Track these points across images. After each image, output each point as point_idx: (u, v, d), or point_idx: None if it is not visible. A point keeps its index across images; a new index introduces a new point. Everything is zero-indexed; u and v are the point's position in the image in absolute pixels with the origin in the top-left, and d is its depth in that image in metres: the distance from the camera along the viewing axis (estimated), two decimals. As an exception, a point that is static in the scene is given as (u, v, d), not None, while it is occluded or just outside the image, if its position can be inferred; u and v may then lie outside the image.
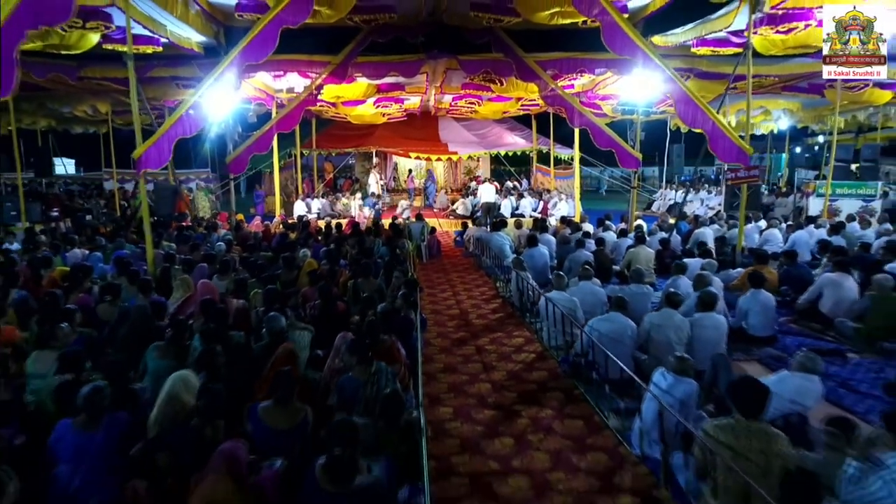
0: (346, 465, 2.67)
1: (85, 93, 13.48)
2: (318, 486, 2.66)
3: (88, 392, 3.24)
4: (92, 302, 5.92)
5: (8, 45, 4.02)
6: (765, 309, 5.86)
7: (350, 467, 2.67)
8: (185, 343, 4.52)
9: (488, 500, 3.39)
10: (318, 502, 2.64)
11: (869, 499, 2.69)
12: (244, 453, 2.78)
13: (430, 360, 5.65)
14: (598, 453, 3.89)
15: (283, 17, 7.52)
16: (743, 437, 2.99)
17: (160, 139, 7.51)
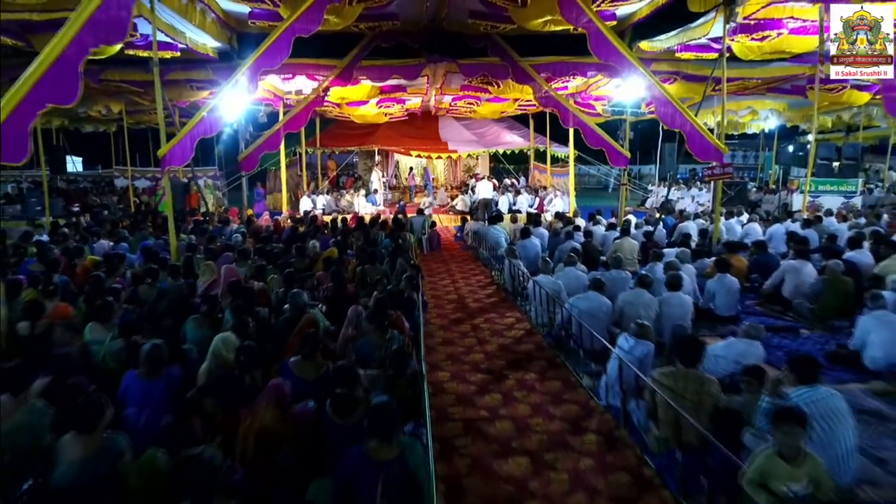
0: (346, 402, 3.41)
1: (100, 93, 14.23)
2: (332, 420, 3.42)
3: (149, 349, 4.00)
4: (126, 285, 6.69)
5: (74, 61, 4.78)
6: (729, 291, 6.62)
7: (350, 404, 3.41)
8: (217, 316, 5.29)
9: (478, 438, 4.15)
10: (333, 432, 3.39)
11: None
12: (288, 390, 3.53)
13: (431, 335, 6.41)
14: (572, 405, 4.66)
15: (296, 27, 8.25)
16: (681, 381, 3.75)
17: (184, 138, 8.25)
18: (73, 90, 4.83)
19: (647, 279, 5.97)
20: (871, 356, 5.11)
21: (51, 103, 4.90)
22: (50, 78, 4.72)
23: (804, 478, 2.66)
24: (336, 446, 3.28)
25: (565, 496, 3.44)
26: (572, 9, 8.33)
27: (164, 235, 10.22)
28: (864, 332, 5.21)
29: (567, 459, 3.85)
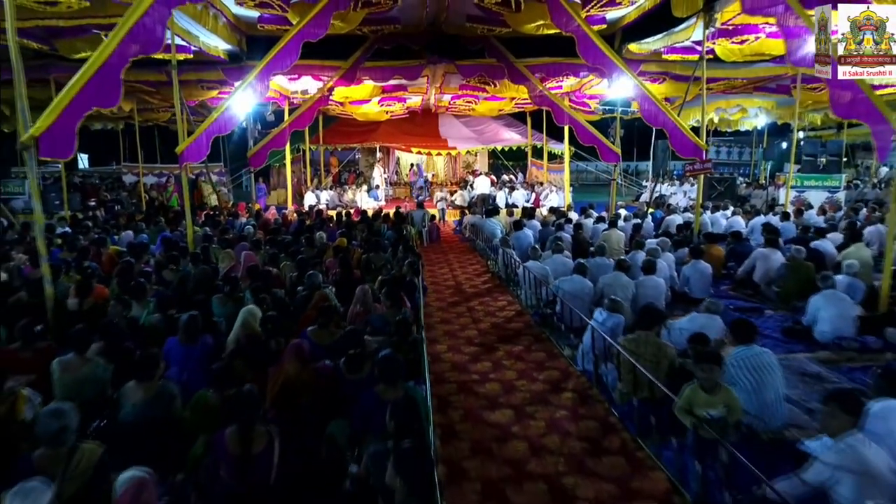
0: (356, 360, 4.11)
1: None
2: (345, 376, 4.12)
3: (187, 319, 4.70)
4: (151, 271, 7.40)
5: (116, 69, 5.45)
6: (702, 276, 7.32)
7: (360, 362, 4.11)
8: (238, 295, 5.99)
9: (470, 396, 4.86)
10: (346, 385, 4.09)
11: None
12: (306, 347, 4.22)
13: (430, 315, 7.12)
14: (553, 371, 5.36)
15: (305, 32, 8.92)
16: (642, 345, 4.44)
17: (200, 136, 8.91)
18: (115, 95, 5.53)
19: (624, 264, 6.67)
20: (821, 330, 5.81)
21: (95, 106, 5.59)
22: (94, 83, 5.40)
23: (720, 405, 3.37)
24: (349, 396, 3.97)
25: (541, 437, 4.14)
26: (562, 15, 8.99)
27: (178, 228, 10.95)
28: (815, 310, 5.90)
29: (545, 411, 4.55)
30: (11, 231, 10.72)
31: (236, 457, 3.05)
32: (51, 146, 5.42)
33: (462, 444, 4.06)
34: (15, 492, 2.34)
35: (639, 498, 3.42)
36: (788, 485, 2.89)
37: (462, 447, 4.02)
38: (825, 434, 2.90)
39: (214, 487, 3.07)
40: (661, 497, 3.42)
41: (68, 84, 5.44)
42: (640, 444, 4.00)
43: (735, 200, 15.84)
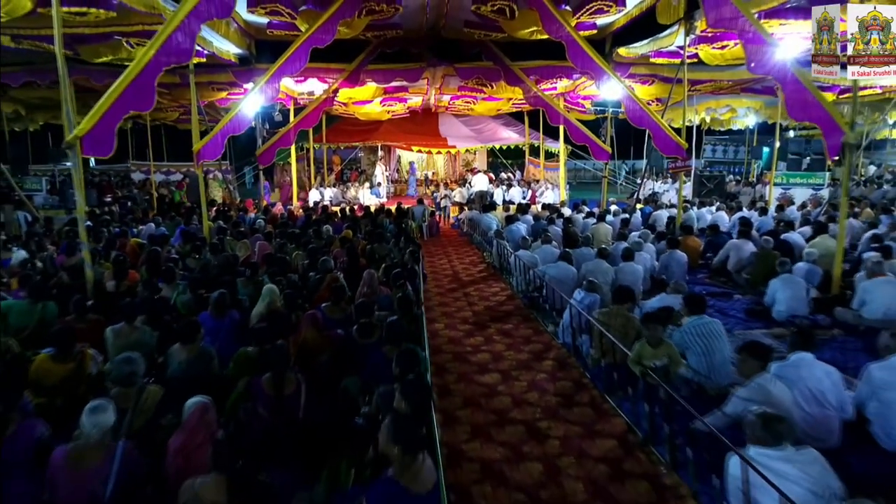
0: (367, 327, 4.86)
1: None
2: (358, 341, 4.87)
3: (217, 296, 5.45)
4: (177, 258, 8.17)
5: (151, 77, 6.20)
6: (678, 264, 8.07)
7: (370, 327, 4.86)
8: (258, 279, 6.74)
9: (463, 364, 5.62)
10: (357, 349, 4.84)
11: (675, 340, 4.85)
12: (321, 316, 4.98)
13: (428, 300, 7.87)
14: (537, 344, 6.12)
15: (313, 39, 9.67)
16: (613, 317, 5.20)
17: (216, 136, 9.66)
18: (149, 100, 6.28)
19: (605, 251, 7.44)
20: (777, 310, 6.55)
21: (132, 110, 6.35)
22: (132, 90, 6.15)
23: (663, 356, 4.14)
24: (360, 357, 4.72)
25: (523, 393, 4.90)
26: (552, 23, 9.72)
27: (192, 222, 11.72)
28: (773, 292, 6.65)
29: (528, 374, 5.31)
30: (38, 225, 11.47)
31: (271, 397, 3.81)
32: (92, 145, 6.19)
33: (455, 399, 4.82)
34: (89, 408, 3.07)
35: (600, 436, 4.17)
36: (713, 418, 3.64)
37: (455, 401, 4.78)
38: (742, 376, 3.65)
39: (253, 422, 3.82)
40: (619, 436, 4.17)
41: (109, 90, 6.20)
42: (605, 399, 4.76)
43: (724, 197, 16.59)
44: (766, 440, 2.85)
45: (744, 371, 3.66)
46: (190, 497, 2.67)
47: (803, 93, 6.56)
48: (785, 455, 2.81)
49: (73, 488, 2.92)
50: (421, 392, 3.32)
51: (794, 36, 9.75)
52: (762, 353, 3.68)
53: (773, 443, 2.83)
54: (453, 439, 4.14)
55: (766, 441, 2.84)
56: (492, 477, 3.70)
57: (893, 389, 3.86)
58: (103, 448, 2.98)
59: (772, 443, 2.82)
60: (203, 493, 2.65)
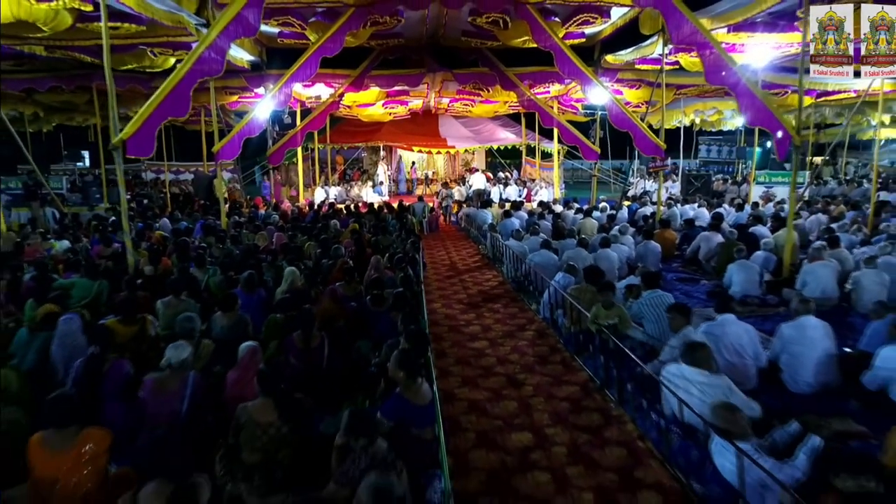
0: (378, 297, 5.88)
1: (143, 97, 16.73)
2: (370, 309, 5.89)
3: (247, 275, 6.47)
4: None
5: (186, 88, 7.22)
6: (652, 253, 9.08)
7: (380, 298, 5.87)
8: (278, 264, 7.77)
9: (457, 334, 6.64)
10: (370, 316, 5.85)
11: (634, 311, 5.86)
12: (340, 291, 6.00)
13: (428, 285, 8.89)
14: (522, 319, 7.15)
15: (322, 49, 10.70)
16: (583, 292, 6.21)
17: (234, 138, 10.70)
18: (185, 108, 7.31)
19: (584, 241, 8.47)
20: (733, 291, 7.55)
21: (170, 116, 7.38)
22: (170, 99, 7.17)
23: (614, 317, 5.15)
24: (371, 322, 5.74)
25: (507, 355, 5.93)
26: (541, 34, 10.75)
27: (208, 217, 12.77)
28: (730, 275, 7.66)
29: (511, 341, 6.34)
30: (66, 220, 12.51)
31: (300, 349, 4.82)
32: (135, 147, 7.20)
33: (449, 359, 5.85)
34: (173, 346, 4.08)
35: (566, 384, 5.19)
36: (652, 365, 4.65)
37: (449, 360, 5.81)
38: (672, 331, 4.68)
39: (286, 370, 4.84)
40: (581, 384, 5.19)
41: (150, 99, 7.22)
42: (574, 358, 5.78)
43: (710, 196, 17.62)
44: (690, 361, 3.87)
45: (674, 326, 4.69)
46: (245, 416, 3.66)
47: (755, 101, 7.55)
48: (698, 372, 3.83)
49: (158, 406, 3.94)
50: (420, 335, 4.35)
51: (762, 46, 10.78)
52: (686, 311, 4.71)
53: (693, 363, 3.85)
54: (447, 386, 5.16)
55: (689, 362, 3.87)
56: (477, 410, 4.72)
57: (799, 344, 4.89)
58: (180, 377, 4.00)
59: (692, 363, 3.84)
60: (255, 413, 3.65)
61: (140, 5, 8.11)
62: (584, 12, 11.08)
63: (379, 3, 10.40)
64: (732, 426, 3.12)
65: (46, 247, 9.52)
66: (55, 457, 3.09)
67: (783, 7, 8.59)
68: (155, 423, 3.90)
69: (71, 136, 24.03)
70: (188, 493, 2.64)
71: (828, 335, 4.96)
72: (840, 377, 4.85)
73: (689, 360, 3.90)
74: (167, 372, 3.99)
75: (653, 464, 3.87)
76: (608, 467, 3.85)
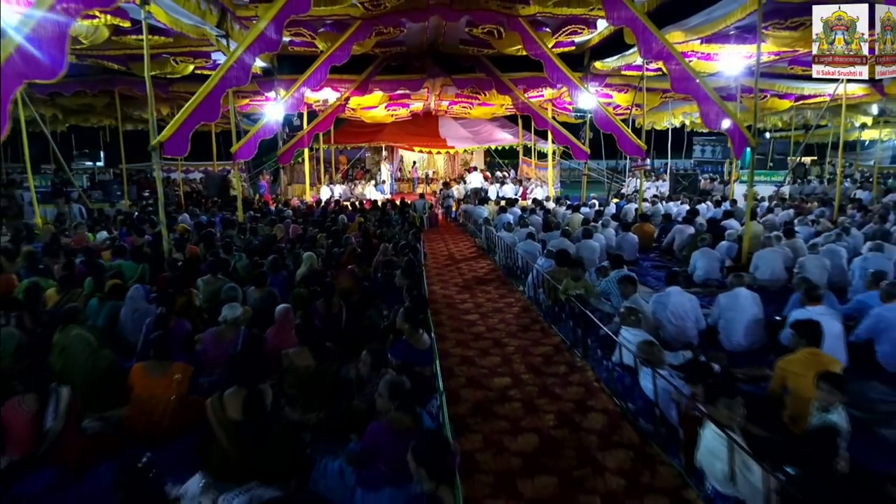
0: (389, 275, 7.03)
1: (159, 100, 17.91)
2: (381, 284, 7.04)
3: (272, 259, 7.63)
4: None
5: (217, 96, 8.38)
6: (629, 244, 10.24)
7: (391, 276, 7.03)
8: (296, 251, 8.92)
9: (453, 309, 7.80)
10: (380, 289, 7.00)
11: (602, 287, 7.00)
12: (357, 271, 7.16)
13: (428, 271, 10.05)
14: (510, 299, 8.31)
15: (331, 58, 11.87)
16: (557, 273, 7.35)
17: (251, 139, 11.86)
18: (216, 113, 8.47)
19: (567, 232, 9.62)
20: (697, 275, 8.69)
21: (203, 121, 8.53)
22: (203, 106, 8.32)
23: (581, 288, 6.31)
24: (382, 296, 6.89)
25: (496, 325, 7.09)
26: (532, 44, 11.92)
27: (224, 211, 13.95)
28: (694, 261, 8.79)
29: (499, 315, 7.50)
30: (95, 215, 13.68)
31: (323, 313, 5.97)
32: (172, 148, 8.34)
33: (446, 328, 7.01)
34: (228, 306, 5.24)
35: (542, 345, 6.35)
36: (610, 327, 5.79)
37: (446, 329, 6.97)
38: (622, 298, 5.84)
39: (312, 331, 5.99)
40: (555, 345, 6.35)
41: (185, 106, 8.37)
42: (551, 327, 6.95)
43: (696, 194, 18.77)
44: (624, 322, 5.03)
45: (624, 294, 5.85)
46: (287, 360, 4.80)
47: (714, 107, 8.69)
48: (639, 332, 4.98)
49: (217, 352, 5.08)
50: (421, 298, 5.51)
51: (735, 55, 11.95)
52: (633, 281, 5.88)
53: (625, 324, 5.00)
54: (443, 346, 6.32)
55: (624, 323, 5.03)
56: (467, 363, 5.88)
57: (733, 310, 6.03)
58: (234, 330, 5.16)
59: (623, 323, 5.00)
60: (295, 358, 4.79)
61: (172, 22, 9.28)
62: (572, 24, 12.24)
63: (384, 17, 11.55)
64: (650, 356, 4.27)
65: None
66: (153, 380, 4.25)
67: (747, 22, 9.75)
68: (214, 366, 5.05)
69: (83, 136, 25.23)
70: (258, 395, 3.78)
71: (756, 303, 6.10)
72: (766, 338, 5.99)
73: (624, 322, 5.05)
74: (223, 326, 5.15)
75: (602, 396, 5.02)
76: (568, 399, 5.00)
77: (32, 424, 3.66)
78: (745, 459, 3.09)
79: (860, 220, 11.58)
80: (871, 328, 5.48)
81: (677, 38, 11.10)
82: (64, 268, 7.95)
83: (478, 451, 4.17)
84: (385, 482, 3.37)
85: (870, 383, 4.97)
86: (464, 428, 4.51)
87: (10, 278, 7.30)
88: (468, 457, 4.04)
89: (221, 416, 3.66)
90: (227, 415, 3.66)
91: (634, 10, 8.47)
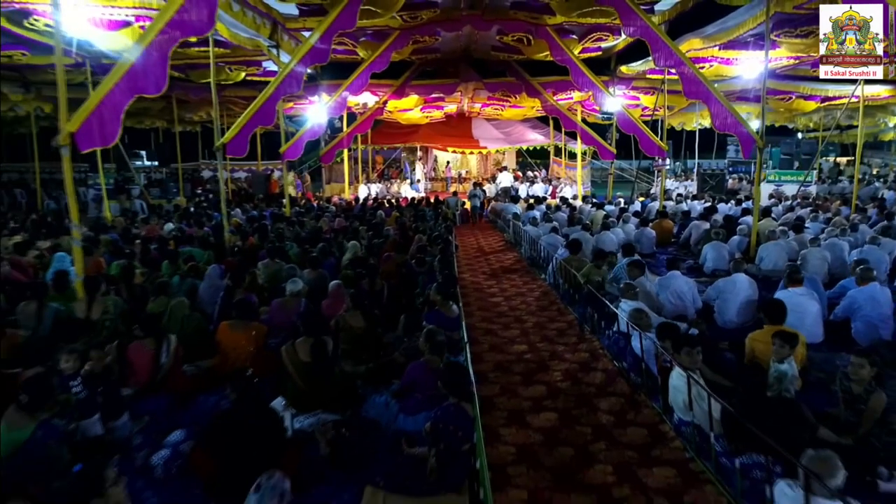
0: (423, 260, 8.08)
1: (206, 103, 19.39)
2: (414, 270, 8.10)
3: (321, 246, 8.78)
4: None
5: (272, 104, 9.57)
6: (647, 238, 11.07)
7: (424, 261, 8.07)
8: (340, 240, 10.06)
9: (480, 293, 8.81)
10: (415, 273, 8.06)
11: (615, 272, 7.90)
12: (395, 258, 8.24)
13: (458, 261, 11.08)
14: (532, 285, 9.29)
15: (372, 66, 12.99)
16: (572, 262, 8.30)
17: (298, 140, 13.08)
18: (271, 119, 9.69)
19: (587, 226, 10.53)
20: (707, 266, 9.50)
21: (260, 125, 9.75)
22: (261, 112, 9.53)
23: (600, 276, 7.24)
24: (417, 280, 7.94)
25: (518, 306, 8.08)
26: (559, 51, 12.82)
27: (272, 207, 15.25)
28: (705, 253, 9.60)
29: (521, 298, 8.48)
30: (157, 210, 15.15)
31: (367, 291, 7.06)
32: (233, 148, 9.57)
33: (473, 308, 8.03)
34: (290, 281, 6.36)
35: (558, 322, 7.31)
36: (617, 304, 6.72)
37: (473, 308, 7.99)
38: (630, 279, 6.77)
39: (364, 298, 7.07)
40: (569, 322, 7.30)
41: (245, 111, 9.59)
42: (567, 307, 7.89)
43: (724, 193, 19.32)
44: (623, 295, 5.97)
45: (631, 276, 6.77)
46: (343, 322, 5.87)
47: (722, 110, 9.47)
48: (634, 303, 5.91)
49: (282, 318, 6.20)
50: (451, 276, 6.55)
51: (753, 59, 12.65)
52: (640, 265, 6.80)
53: (624, 297, 5.95)
54: (470, 321, 7.33)
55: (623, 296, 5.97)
56: (490, 334, 6.90)
57: (729, 292, 6.87)
58: (296, 301, 6.28)
59: (623, 296, 5.94)
60: (349, 319, 5.86)
61: (232, 35, 10.51)
62: (597, 31, 13.11)
63: (421, 27, 12.62)
64: (639, 322, 5.21)
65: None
66: (235, 334, 5.38)
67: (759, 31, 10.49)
68: (279, 330, 6.18)
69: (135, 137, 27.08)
70: (322, 343, 4.86)
71: (751, 287, 6.93)
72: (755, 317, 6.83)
73: (624, 295, 6.00)
74: (287, 297, 6.28)
75: (604, 359, 5.98)
76: (574, 361, 5.97)
77: (152, 360, 4.82)
78: (699, 391, 4.03)
79: (876, 218, 12.13)
80: (846, 307, 6.29)
81: (696, 45, 11.89)
82: (141, 253, 9.27)
83: (495, 396, 5.17)
84: (421, 408, 4.40)
85: (839, 354, 5.80)
86: (485, 380, 5.51)
87: (99, 261, 8.59)
88: (487, 400, 5.04)
89: (295, 357, 4.75)
90: (299, 357, 4.75)
91: (648, 22, 9.32)
